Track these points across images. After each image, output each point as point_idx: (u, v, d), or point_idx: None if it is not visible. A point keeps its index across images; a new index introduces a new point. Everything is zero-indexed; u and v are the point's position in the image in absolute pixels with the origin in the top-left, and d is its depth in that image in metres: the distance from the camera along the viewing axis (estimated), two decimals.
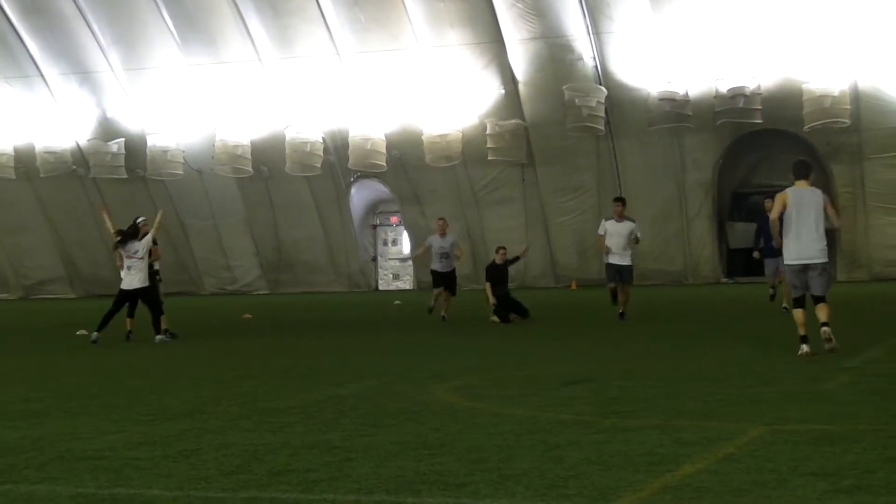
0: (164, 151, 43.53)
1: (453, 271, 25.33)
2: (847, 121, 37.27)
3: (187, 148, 43.65)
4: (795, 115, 37.44)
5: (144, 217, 22.84)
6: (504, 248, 25.25)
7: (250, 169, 42.96)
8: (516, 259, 25.85)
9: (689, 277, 39.74)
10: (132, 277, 21.60)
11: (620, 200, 25.00)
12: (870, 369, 15.00)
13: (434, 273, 25.15)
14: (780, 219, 15.30)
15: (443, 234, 25.48)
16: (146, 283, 21.58)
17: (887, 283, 35.15)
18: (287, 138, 42.43)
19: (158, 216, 22.87)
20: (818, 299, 15.35)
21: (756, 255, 25.78)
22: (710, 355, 17.32)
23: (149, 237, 21.67)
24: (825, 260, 15.30)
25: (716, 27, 37.53)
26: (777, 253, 24.46)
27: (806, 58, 37.20)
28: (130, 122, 44.10)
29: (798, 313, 15.50)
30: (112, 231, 22.29)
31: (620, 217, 23.76)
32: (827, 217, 15.27)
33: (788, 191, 15.25)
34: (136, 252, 21.56)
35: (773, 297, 25.47)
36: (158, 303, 22.05)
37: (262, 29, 41.31)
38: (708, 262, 40.33)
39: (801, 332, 15.33)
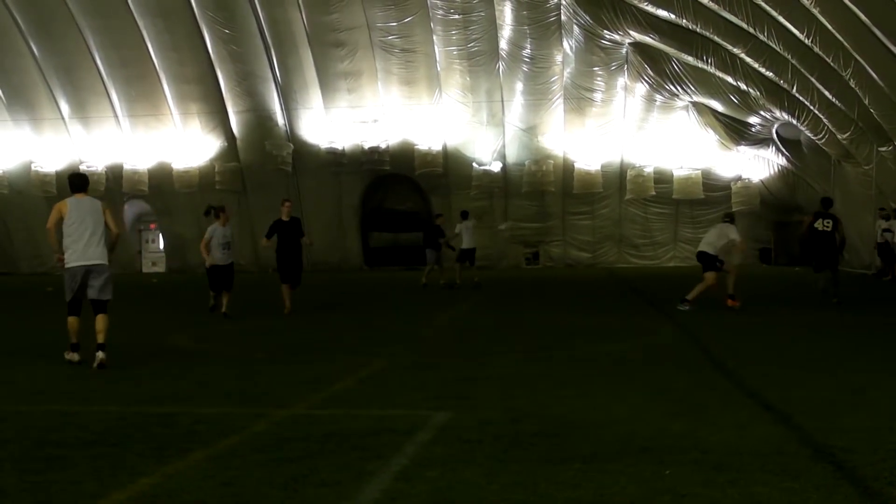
0: None
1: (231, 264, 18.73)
2: (441, 169, 39.28)
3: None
4: (410, 164, 39.35)
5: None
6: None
7: (55, 192, 40.58)
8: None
9: (342, 266, 39.98)
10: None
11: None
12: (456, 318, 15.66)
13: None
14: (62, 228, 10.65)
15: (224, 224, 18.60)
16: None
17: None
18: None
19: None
20: (100, 306, 10.61)
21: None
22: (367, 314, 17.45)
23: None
24: (107, 263, 10.75)
25: (364, 109, 38.61)
26: (433, 247, 25.01)
27: (416, 129, 38.97)
28: None
29: (73, 321, 10.72)
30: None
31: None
32: (107, 225, 10.72)
33: (67, 201, 10.66)
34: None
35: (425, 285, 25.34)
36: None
37: (65, 100, 39.91)
38: (355, 256, 41.30)
39: (73, 339, 10.70)
